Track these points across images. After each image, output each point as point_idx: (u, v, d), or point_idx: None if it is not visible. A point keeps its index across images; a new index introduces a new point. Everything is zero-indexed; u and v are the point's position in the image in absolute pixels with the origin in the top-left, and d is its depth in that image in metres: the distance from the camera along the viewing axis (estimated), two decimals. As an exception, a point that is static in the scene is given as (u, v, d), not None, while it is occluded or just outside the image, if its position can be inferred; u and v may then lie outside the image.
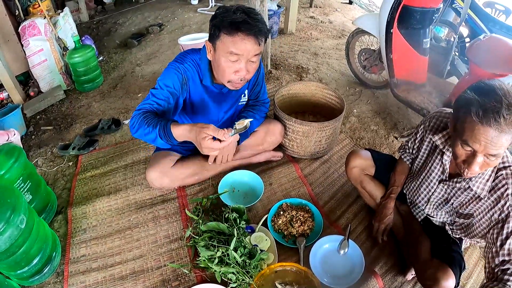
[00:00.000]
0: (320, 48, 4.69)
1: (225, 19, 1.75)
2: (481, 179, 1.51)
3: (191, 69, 2.01)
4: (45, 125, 3.33)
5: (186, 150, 2.45)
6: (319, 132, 2.47)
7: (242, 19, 1.74)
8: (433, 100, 3.01)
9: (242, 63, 1.86)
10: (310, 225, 2.14)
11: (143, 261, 2.05)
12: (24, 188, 2.11)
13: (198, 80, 2.05)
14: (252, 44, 1.80)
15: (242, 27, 1.74)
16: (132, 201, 2.40)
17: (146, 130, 1.78)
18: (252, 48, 1.81)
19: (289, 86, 2.88)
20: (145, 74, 4.10)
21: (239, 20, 1.74)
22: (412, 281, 1.98)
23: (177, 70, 1.98)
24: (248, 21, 1.74)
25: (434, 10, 2.89)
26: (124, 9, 6.28)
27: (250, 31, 1.76)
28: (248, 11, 1.79)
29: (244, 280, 1.78)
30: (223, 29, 1.77)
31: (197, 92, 2.10)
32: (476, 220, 1.59)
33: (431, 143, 1.75)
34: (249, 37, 1.77)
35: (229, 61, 1.84)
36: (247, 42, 1.78)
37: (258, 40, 1.81)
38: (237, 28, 1.75)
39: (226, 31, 1.77)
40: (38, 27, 3.56)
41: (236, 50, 1.80)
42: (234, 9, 1.78)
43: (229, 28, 1.76)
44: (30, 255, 1.82)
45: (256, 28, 1.76)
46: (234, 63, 1.85)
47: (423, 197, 1.81)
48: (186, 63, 2.00)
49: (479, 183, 1.52)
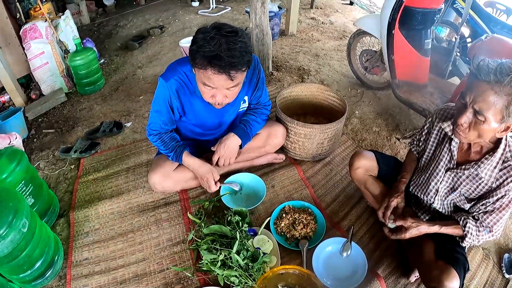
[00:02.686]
0: (321, 49, 4.69)
1: (199, 50, 1.65)
2: (489, 166, 1.55)
3: (177, 84, 1.98)
4: (46, 128, 3.33)
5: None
6: (321, 134, 2.47)
7: (215, 53, 1.63)
8: (434, 101, 3.01)
9: (218, 92, 1.82)
10: (312, 228, 2.14)
11: (146, 264, 2.05)
12: (26, 191, 2.11)
13: (188, 93, 2.03)
14: (224, 80, 1.72)
15: (213, 62, 1.65)
16: (134, 204, 2.40)
17: (162, 149, 2.19)
18: (225, 82, 1.75)
19: (291, 88, 2.87)
20: (147, 77, 4.10)
21: (211, 55, 1.63)
22: (416, 283, 1.97)
23: (163, 88, 1.98)
24: (220, 56, 1.63)
25: (436, 10, 2.89)
26: (125, 11, 6.29)
27: (222, 68, 1.66)
28: (227, 38, 1.66)
29: (247, 283, 1.78)
30: (196, 61, 1.70)
31: (190, 103, 2.08)
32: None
33: (439, 134, 1.79)
34: (220, 74, 1.69)
35: (205, 87, 1.81)
36: (219, 78, 1.71)
37: (231, 76, 1.70)
38: (209, 63, 1.66)
39: (199, 64, 1.70)
40: (39, 30, 3.56)
41: (209, 83, 1.76)
42: (211, 36, 1.64)
43: (201, 61, 1.68)
44: (32, 259, 1.82)
45: (229, 64, 1.66)
46: (210, 90, 1.82)
47: (431, 188, 1.81)
48: (173, 78, 1.96)
49: (487, 170, 1.56)
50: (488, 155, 1.55)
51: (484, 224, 1.61)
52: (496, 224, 1.60)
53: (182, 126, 2.30)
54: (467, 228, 1.61)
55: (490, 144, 1.57)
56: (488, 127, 1.41)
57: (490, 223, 1.60)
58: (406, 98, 3.06)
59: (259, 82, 2.23)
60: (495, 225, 1.60)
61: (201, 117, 2.18)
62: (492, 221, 1.59)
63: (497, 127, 1.41)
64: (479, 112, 1.38)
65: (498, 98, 1.33)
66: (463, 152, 1.68)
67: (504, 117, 1.36)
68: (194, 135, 2.36)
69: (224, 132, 2.37)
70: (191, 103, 2.08)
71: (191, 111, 2.13)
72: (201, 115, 2.16)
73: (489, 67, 1.34)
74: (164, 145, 2.15)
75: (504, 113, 1.35)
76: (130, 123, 3.27)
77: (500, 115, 1.36)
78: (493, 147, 1.56)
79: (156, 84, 2.02)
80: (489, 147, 1.58)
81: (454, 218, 1.70)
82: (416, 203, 2.00)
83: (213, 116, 2.20)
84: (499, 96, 1.33)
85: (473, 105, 1.40)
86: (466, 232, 1.62)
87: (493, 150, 1.55)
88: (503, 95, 1.32)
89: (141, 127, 3.22)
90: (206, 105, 2.06)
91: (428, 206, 1.90)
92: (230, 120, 2.34)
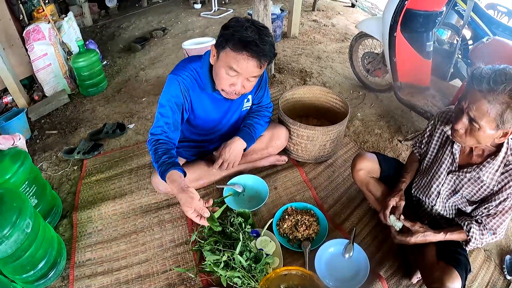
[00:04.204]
0: (323, 51, 4.70)
1: (235, 34, 1.72)
2: (490, 169, 1.56)
3: (188, 79, 2.00)
4: (49, 129, 3.35)
5: (191, 155, 2.45)
6: (324, 136, 2.47)
7: (252, 39, 1.71)
8: (436, 103, 3.01)
9: (240, 79, 1.85)
10: (315, 229, 2.14)
11: (149, 265, 2.05)
12: (30, 192, 2.12)
13: (198, 89, 2.05)
14: (254, 66, 1.78)
15: (250, 47, 1.71)
16: (137, 205, 2.41)
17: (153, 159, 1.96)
18: (254, 69, 1.79)
19: (293, 90, 2.89)
20: (149, 79, 4.10)
21: (248, 40, 1.71)
22: (417, 284, 1.97)
23: (174, 82, 1.98)
24: (257, 43, 1.71)
25: (437, 13, 2.90)
26: (128, 13, 6.32)
27: (256, 53, 1.73)
28: (260, 30, 1.76)
29: (249, 284, 1.79)
30: (230, 43, 1.73)
31: (199, 100, 2.09)
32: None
33: (441, 136, 1.80)
34: (253, 59, 1.75)
35: (228, 74, 1.83)
36: (250, 63, 1.76)
37: (261, 63, 1.78)
38: (244, 47, 1.72)
39: (233, 47, 1.74)
40: (42, 32, 3.58)
41: (237, 67, 1.78)
42: (247, 25, 1.74)
43: (236, 44, 1.72)
44: (35, 259, 1.83)
45: (262, 51, 1.74)
46: (232, 77, 1.84)
47: (433, 190, 1.81)
48: (184, 74, 1.99)
49: (488, 173, 1.57)
50: (490, 159, 1.56)
51: (488, 227, 1.61)
52: (499, 227, 1.61)
53: (185, 128, 2.30)
54: (471, 233, 1.62)
55: (492, 147, 1.57)
56: (483, 134, 1.42)
57: (493, 226, 1.61)
58: (408, 100, 3.07)
59: (262, 81, 2.26)
60: (498, 228, 1.61)
61: (208, 113, 2.18)
62: (495, 224, 1.60)
63: (494, 134, 1.42)
64: (474, 119, 1.40)
65: (492, 106, 1.33)
66: (465, 155, 1.68)
67: (499, 125, 1.37)
68: (196, 135, 2.36)
69: (225, 132, 2.38)
70: (201, 99, 2.09)
71: (200, 107, 2.12)
72: (208, 111, 2.16)
73: (482, 76, 1.34)
74: (156, 156, 1.93)
75: (498, 121, 1.36)
76: (133, 124, 3.28)
77: (494, 123, 1.37)
78: (495, 150, 1.57)
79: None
80: (491, 150, 1.58)
81: (457, 222, 1.71)
82: (418, 205, 2.00)
83: (219, 112, 2.21)
84: (492, 105, 1.33)
85: (468, 111, 1.41)
86: (470, 237, 1.63)
87: (495, 154, 1.55)
88: (496, 104, 1.32)
89: (144, 128, 3.22)
90: (214, 101, 2.10)
91: (430, 208, 1.90)
92: (233, 119, 2.35)
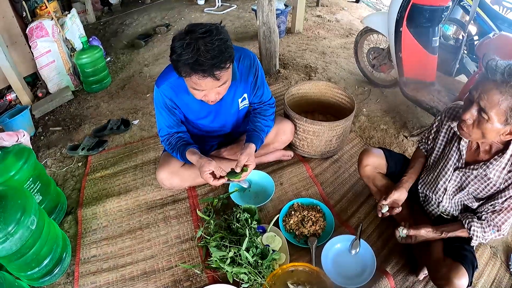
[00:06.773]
0: (328, 47, 4.68)
1: (179, 60, 1.62)
2: (497, 167, 1.55)
3: (168, 89, 1.99)
4: (53, 126, 3.35)
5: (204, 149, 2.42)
6: (330, 132, 2.46)
7: (194, 60, 1.59)
8: (442, 99, 2.99)
9: (208, 92, 1.80)
10: (321, 225, 2.13)
11: (154, 261, 2.05)
12: (34, 189, 2.12)
13: (181, 94, 2.03)
14: (212, 81, 1.69)
15: (195, 68, 1.62)
16: (142, 202, 2.40)
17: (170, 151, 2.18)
18: (213, 83, 1.72)
19: (299, 85, 2.87)
20: (153, 75, 4.11)
21: (189, 62, 1.60)
22: (424, 281, 1.96)
23: (158, 94, 2.04)
24: (200, 61, 1.59)
25: (443, 8, 2.87)
26: (131, 9, 6.31)
27: (204, 71, 1.63)
28: (200, 40, 1.60)
29: (256, 280, 1.78)
30: (180, 71, 1.68)
31: (184, 104, 2.08)
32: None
33: (448, 132, 1.78)
34: (206, 77, 1.66)
35: (196, 91, 1.79)
36: (206, 80, 1.68)
37: (216, 76, 1.67)
38: (192, 69, 1.63)
39: (184, 74, 1.68)
40: (45, 29, 3.57)
41: (199, 87, 1.74)
42: (186, 42, 1.59)
43: (185, 70, 1.66)
44: (40, 256, 1.83)
45: (209, 66, 1.62)
46: (201, 92, 1.79)
47: (440, 187, 1.80)
48: (163, 84, 1.99)
49: (495, 170, 1.56)
50: (497, 156, 1.55)
51: (492, 224, 1.61)
52: (504, 223, 1.60)
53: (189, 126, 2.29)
54: (472, 231, 1.63)
55: (499, 144, 1.56)
56: (491, 126, 1.40)
57: (498, 222, 1.60)
58: (413, 96, 3.05)
59: (257, 81, 2.18)
60: (503, 225, 1.60)
61: (200, 116, 2.17)
62: (500, 220, 1.60)
63: (501, 128, 1.40)
64: (483, 109, 1.39)
65: (503, 98, 1.33)
66: (472, 151, 1.67)
67: (508, 119, 1.36)
68: (201, 132, 2.35)
69: (230, 132, 2.39)
70: (187, 103, 2.07)
71: (189, 111, 2.12)
72: (199, 114, 2.15)
73: (497, 67, 1.33)
74: (171, 147, 2.15)
75: (508, 115, 1.35)
76: (137, 120, 3.28)
77: (504, 116, 1.36)
78: (502, 148, 1.56)
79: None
80: (498, 148, 1.57)
81: (460, 219, 1.72)
82: (425, 201, 1.99)
83: (209, 113, 2.18)
84: (504, 97, 1.32)
85: (478, 101, 1.40)
86: (471, 235, 1.64)
87: (503, 151, 1.54)
88: (508, 96, 1.32)
89: (148, 124, 3.22)
90: (200, 102, 2.03)
91: (437, 204, 1.89)
92: (234, 120, 2.32)
